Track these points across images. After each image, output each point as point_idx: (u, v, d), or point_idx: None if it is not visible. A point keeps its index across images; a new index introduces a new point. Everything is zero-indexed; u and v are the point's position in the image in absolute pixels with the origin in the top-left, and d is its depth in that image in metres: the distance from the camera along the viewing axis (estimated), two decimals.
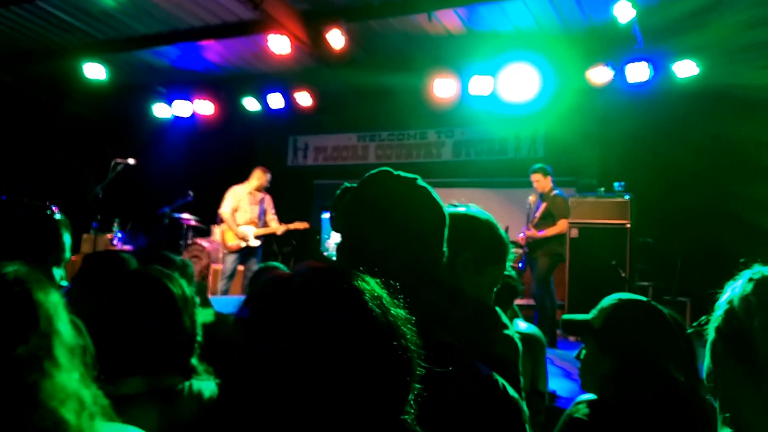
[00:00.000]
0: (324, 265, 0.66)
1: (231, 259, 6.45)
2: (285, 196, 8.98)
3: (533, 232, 5.91)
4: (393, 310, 0.65)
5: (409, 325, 0.64)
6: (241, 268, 6.73)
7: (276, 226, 6.64)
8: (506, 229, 6.72)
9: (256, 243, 6.60)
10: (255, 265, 6.53)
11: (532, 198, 6.19)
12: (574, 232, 6.29)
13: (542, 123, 8.18)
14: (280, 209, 6.77)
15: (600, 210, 6.28)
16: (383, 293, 0.66)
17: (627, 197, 6.19)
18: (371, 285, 0.66)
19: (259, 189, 6.69)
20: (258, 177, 6.70)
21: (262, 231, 6.61)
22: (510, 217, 7.09)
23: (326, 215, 7.74)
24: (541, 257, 5.89)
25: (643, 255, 6.52)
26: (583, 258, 6.26)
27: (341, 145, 9.55)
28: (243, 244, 6.47)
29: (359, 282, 0.65)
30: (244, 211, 6.62)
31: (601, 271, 6.04)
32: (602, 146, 7.67)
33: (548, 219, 5.97)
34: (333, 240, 7.31)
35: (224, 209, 6.57)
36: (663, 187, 6.88)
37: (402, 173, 1.07)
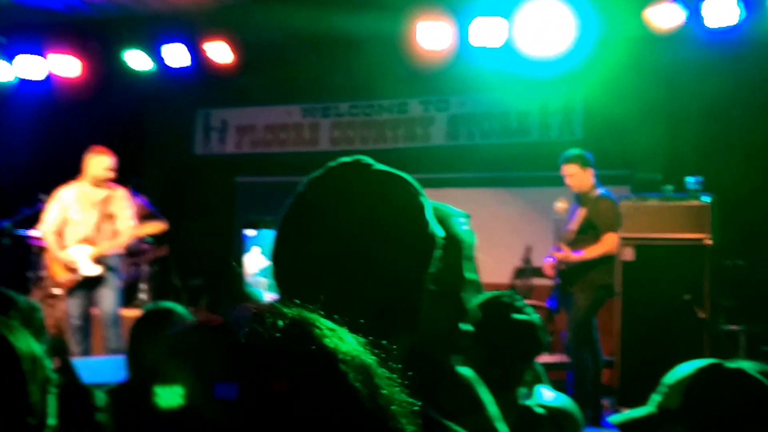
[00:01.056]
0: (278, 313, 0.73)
1: (74, 302, 6.25)
2: (191, 200, 8.72)
3: (566, 253, 5.88)
4: (386, 389, 0.71)
5: (405, 405, 0.71)
6: (97, 311, 6.61)
7: (127, 235, 6.49)
8: (528, 251, 6.49)
9: (94, 271, 6.33)
10: (111, 306, 6.30)
11: (561, 204, 6.21)
12: (629, 253, 6.28)
13: (580, 90, 8.05)
14: (182, 222, 6.63)
15: (666, 219, 6.32)
16: (370, 361, 0.72)
17: (706, 200, 6.27)
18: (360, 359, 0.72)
19: (98, 183, 6.47)
20: (93, 164, 6.47)
21: (103, 249, 6.34)
22: (534, 230, 7.00)
23: (253, 232, 7.63)
24: (580, 292, 5.82)
25: (730, 285, 6.56)
26: (642, 291, 6.27)
27: (278, 122, 9.37)
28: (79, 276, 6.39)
29: (338, 350, 0.71)
30: (76, 224, 6.37)
31: (669, 311, 6.08)
32: (669, 124, 7.58)
33: (589, 233, 5.94)
34: (252, 266, 7.32)
35: (44, 226, 6.37)
36: (759, 185, 6.84)
37: (381, 166, 1.11)
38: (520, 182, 8.32)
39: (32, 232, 7.39)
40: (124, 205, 6.51)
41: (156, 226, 6.63)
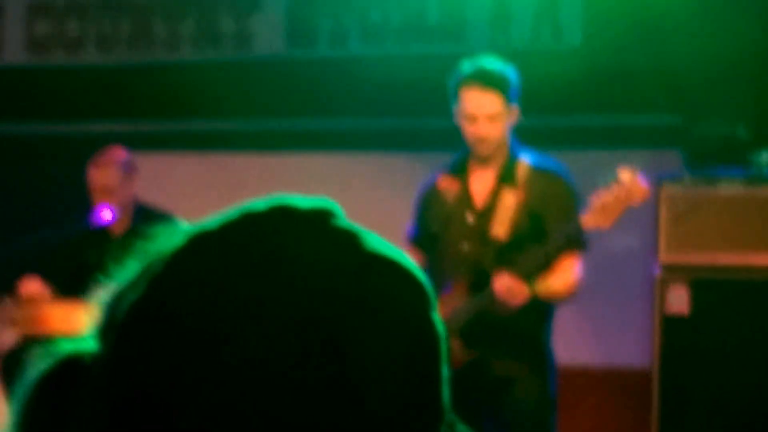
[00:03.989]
0: None
1: None
2: None
3: (509, 282, 5.90)
4: None
5: None
6: None
7: None
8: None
9: None
10: None
11: (443, 181, 6.26)
12: (679, 298, 6.56)
13: None
14: None
15: (762, 225, 6.55)
16: None
17: None
18: None
19: None
20: None
21: None
22: None
23: None
24: (522, 377, 6.03)
25: None
26: (705, 381, 6.44)
27: None
28: None
29: None
30: None
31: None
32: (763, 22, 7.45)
33: (537, 246, 6.02)
34: None
35: None
36: None
37: (372, 240, 1.16)
38: (450, 141, 7.56)
39: None
40: None
41: None
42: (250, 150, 8.02)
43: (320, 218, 1.18)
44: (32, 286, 7.39)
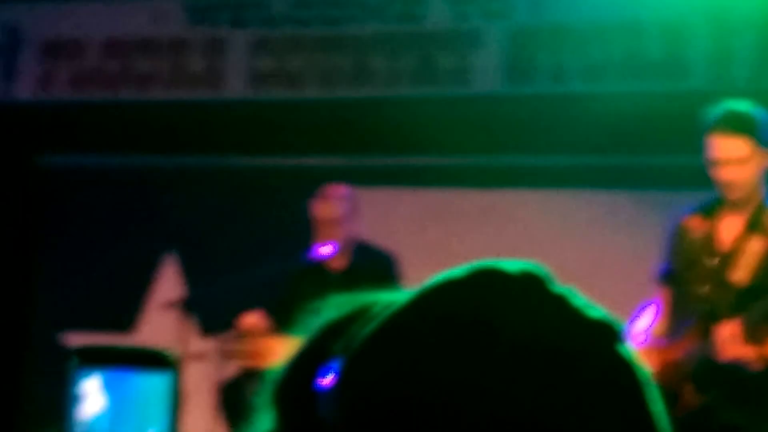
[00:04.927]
0: None
1: None
2: None
3: (732, 336, 5.72)
4: None
5: None
6: None
7: None
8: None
9: None
10: None
11: (691, 221, 6.00)
12: None
13: None
14: None
15: None
16: None
17: None
18: None
19: None
20: None
21: None
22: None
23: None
24: None
25: None
26: None
27: (134, 35, 8.92)
28: None
29: None
30: None
31: None
32: None
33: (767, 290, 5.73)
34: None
35: None
36: None
37: (581, 303, 1.10)
38: (670, 179, 7.64)
39: None
40: None
41: None
42: (468, 186, 8.02)
43: (530, 284, 1.11)
44: (252, 320, 7.56)
